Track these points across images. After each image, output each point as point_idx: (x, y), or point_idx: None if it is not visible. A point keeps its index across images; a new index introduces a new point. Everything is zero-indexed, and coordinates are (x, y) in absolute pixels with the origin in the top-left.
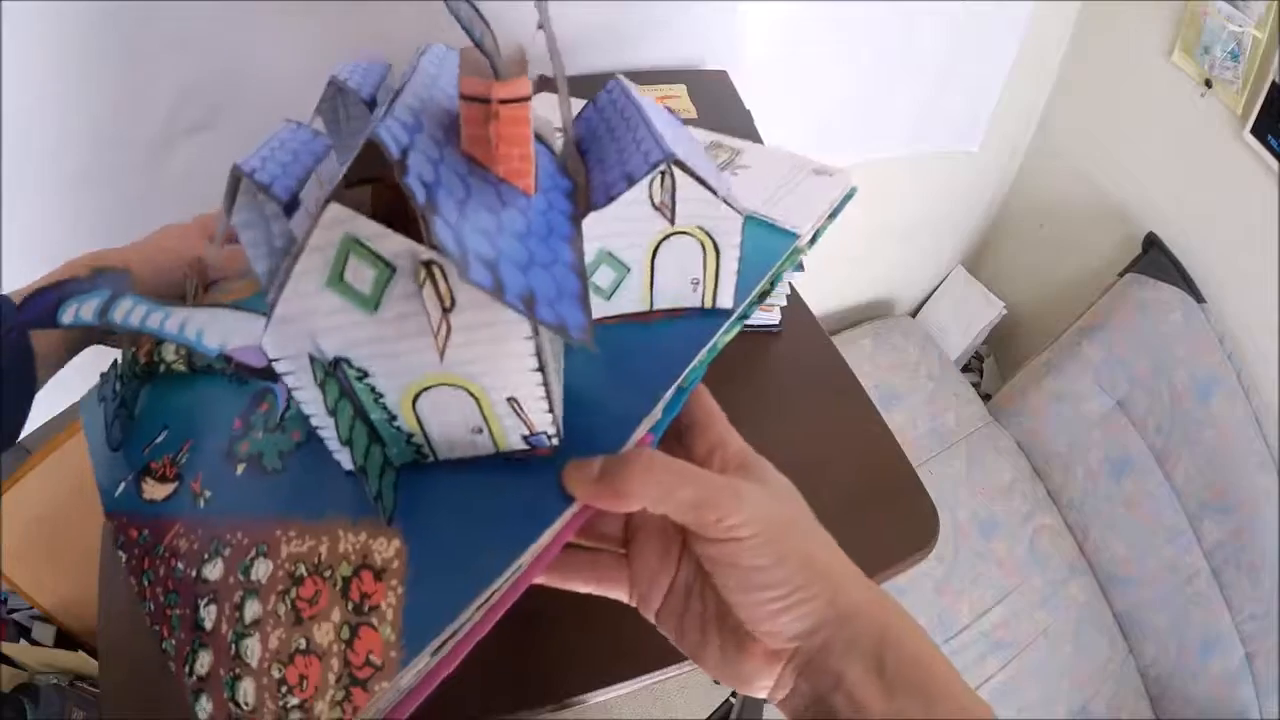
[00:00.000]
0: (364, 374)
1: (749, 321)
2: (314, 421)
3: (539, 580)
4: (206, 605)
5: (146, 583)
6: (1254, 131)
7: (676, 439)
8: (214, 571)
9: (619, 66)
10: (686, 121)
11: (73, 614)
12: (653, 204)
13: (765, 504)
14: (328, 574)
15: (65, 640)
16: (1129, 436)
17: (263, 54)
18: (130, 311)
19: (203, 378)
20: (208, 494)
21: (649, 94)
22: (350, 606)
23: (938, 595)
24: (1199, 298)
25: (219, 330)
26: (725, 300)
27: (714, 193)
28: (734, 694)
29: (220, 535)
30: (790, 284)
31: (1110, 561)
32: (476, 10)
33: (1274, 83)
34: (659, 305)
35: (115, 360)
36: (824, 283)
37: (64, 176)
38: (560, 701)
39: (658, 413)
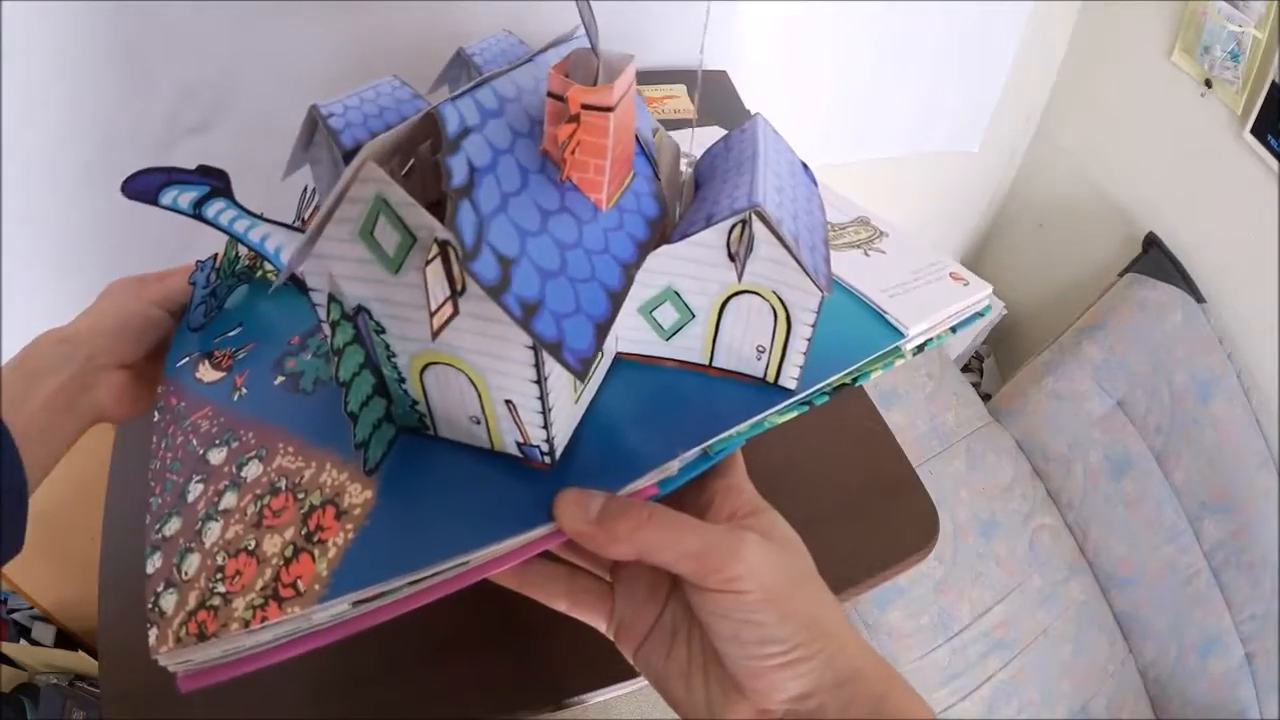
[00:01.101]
0: (381, 329)
1: None
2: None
3: (510, 585)
4: (197, 482)
5: (163, 445)
6: (1254, 131)
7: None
8: (217, 457)
9: None
10: (687, 123)
11: (73, 614)
12: (728, 252)
13: (769, 559)
14: (300, 495)
15: (65, 640)
16: (1129, 436)
17: (263, 54)
18: (221, 212)
19: (289, 292)
20: (244, 391)
21: (649, 94)
22: (304, 531)
23: (938, 595)
24: (1199, 298)
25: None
26: (789, 379)
27: (794, 256)
28: None
29: (235, 428)
30: None
31: (1110, 561)
32: (589, 9)
33: (1274, 83)
34: (719, 363)
35: (216, 253)
36: None
37: (64, 177)
38: (560, 701)
39: (673, 469)
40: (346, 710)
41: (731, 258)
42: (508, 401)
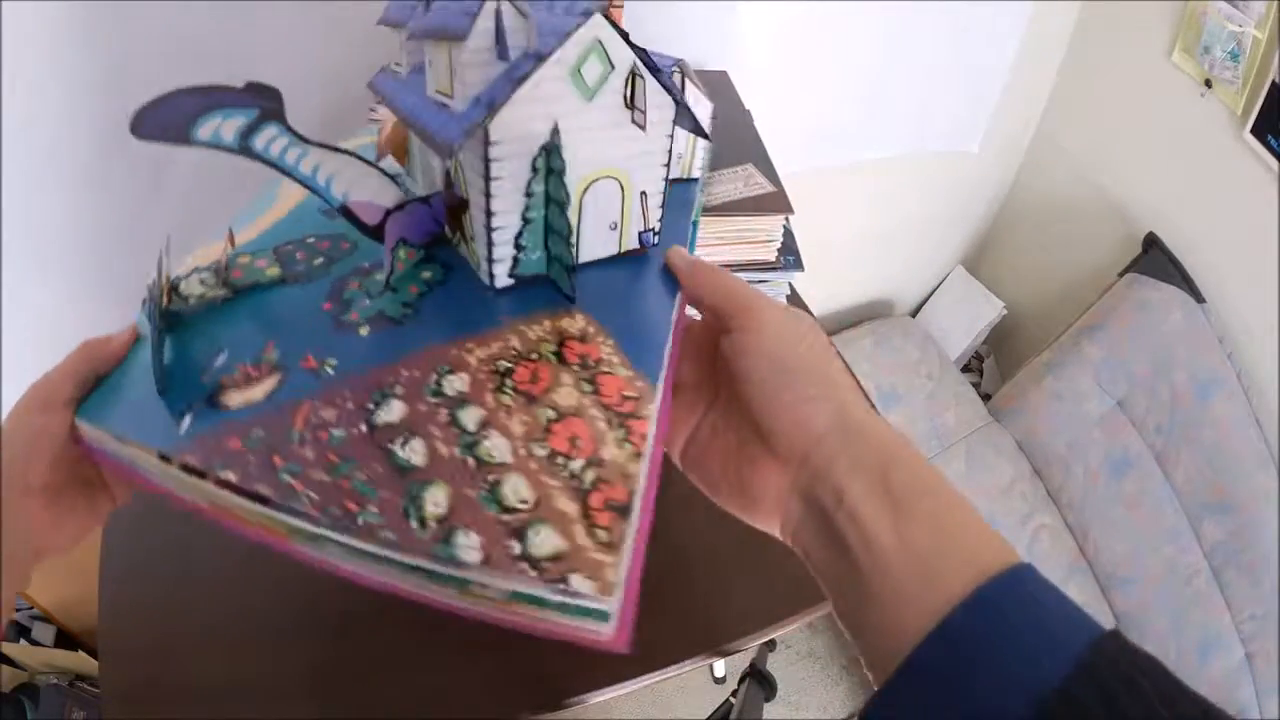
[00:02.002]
0: (562, 161)
1: None
2: (497, 208)
3: None
4: (402, 445)
5: (290, 477)
6: (1254, 131)
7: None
8: (392, 414)
9: None
10: None
11: (73, 614)
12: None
13: (789, 317)
14: (534, 356)
15: (65, 640)
16: (1129, 436)
17: (263, 54)
18: (273, 140)
19: (246, 296)
20: (332, 362)
21: None
22: (576, 367)
23: None
24: (1199, 298)
25: (345, 181)
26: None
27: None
28: (734, 694)
29: (379, 383)
30: (790, 284)
31: (1110, 561)
32: None
33: (1274, 83)
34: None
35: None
36: (824, 283)
37: (64, 178)
38: (560, 702)
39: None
40: (346, 710)
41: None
42: (642, 194)
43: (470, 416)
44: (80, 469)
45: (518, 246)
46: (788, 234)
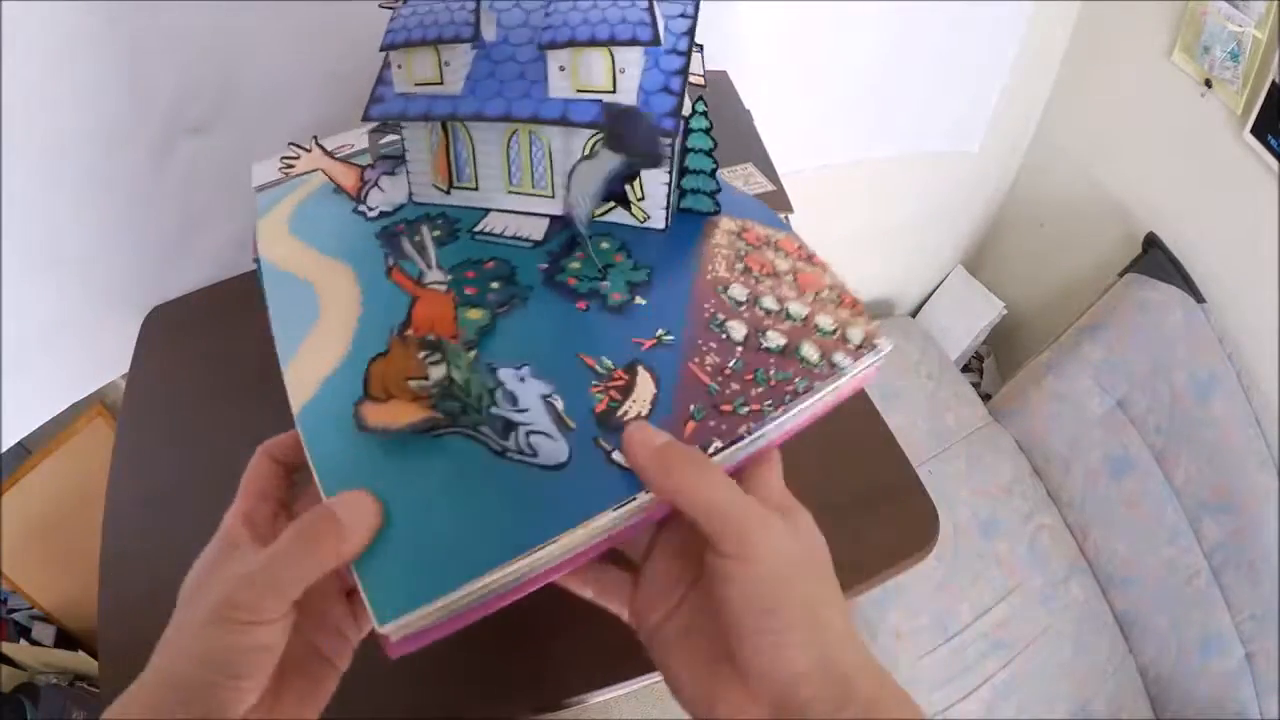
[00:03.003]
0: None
1: None
2: (677, 166)
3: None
4: (764, 337)
5: (744, 408)
6: (1254, 131)
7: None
8: (738, 330)
9: None
10: None
11: (73, 614)
12: None
13: (786, 543)
14: (743, 251)
15: (65, 640)
16: (1129, 436)
17: (263, 54)
18: None
19: (488, 346)
20: (661, 332)
21: None
22: (763, 246)
23: (938, 595)
24: (1199, 298)
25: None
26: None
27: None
28: None
29: (702, 321)
30: None
31: (1110, 561)
32: None
33: (1274, 83)
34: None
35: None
36: None
37: (64, 177)
38: (560, 702)
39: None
40: (346, 710)
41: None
42: None
43: (767, 302)
44: (294, 662)
45: (679, 192)
46: None
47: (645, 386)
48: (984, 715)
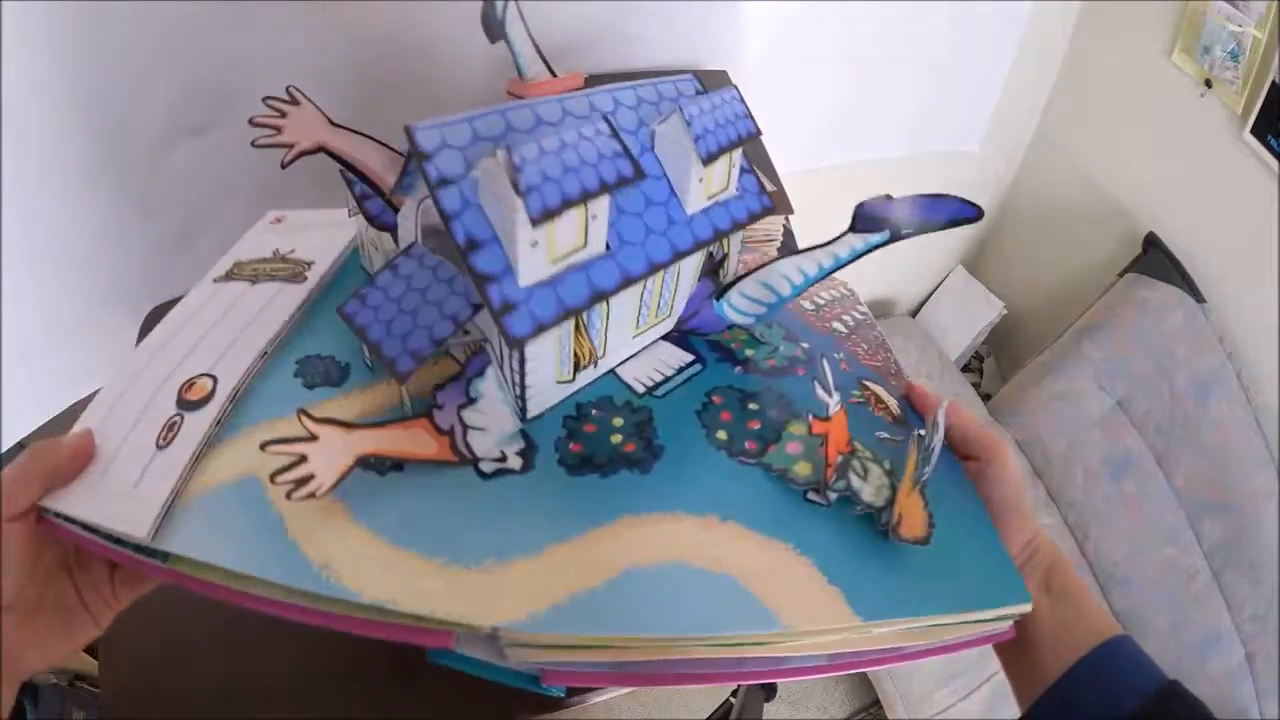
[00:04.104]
0: None
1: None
2: None
3: None
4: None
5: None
6: (1254, 131)
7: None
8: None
9: (620, 66)
10: None
11: None
12: None
13: (1013, 458)
14: None
15: None
16: (1129, 436)
17: (263, 54)
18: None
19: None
20: (838, 355)
21: None
22: None
23: None
24: (1199, 298)
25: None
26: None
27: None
28: (734, 694)
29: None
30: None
31: (1110, 561)
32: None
33: (1274, 83)
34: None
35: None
36: (824, 283)
37: (65, 177)
38: (560, 702)
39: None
40: (346, 711)
41: None
42: None
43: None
44: (54, 590)
45: None
46: (787, 233)
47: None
48: (984, 715)
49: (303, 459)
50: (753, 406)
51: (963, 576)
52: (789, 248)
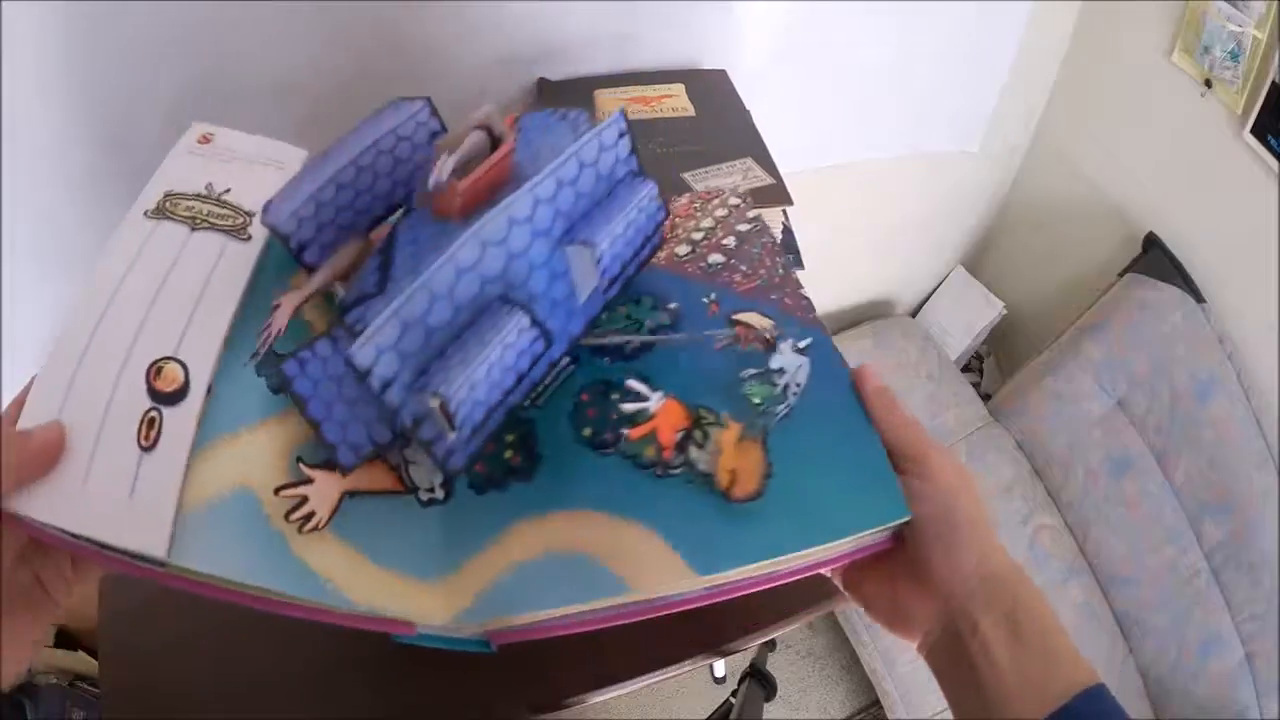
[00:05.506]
0: None
1: None
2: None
3: None
4: None
5: None
6: (1254, 131)
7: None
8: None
9: (619, 66)
10: (686, 121)
11: (73, 614)
12: None
13: (953, 465)
14: None
15: (65, 640)
16: (1129, 436)
17: (263, 54)
18: None
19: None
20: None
21: (647, 94)
22: None
23: None
24: (1199, 298)
25: None
26: None
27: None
28: (734, 694)
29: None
30: None
31: (1110, 561)
32: None
33: (1274, 83)
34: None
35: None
36: (824, 283)
37: (65, 177)
38: (560, 702)
39: None
40: (347, 710)
41: None
42: None
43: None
44: (16, 582)
45: None
46: (788, 233)
47: None
48: None
49: (305, 499)
50: (614, 397)
51: (825, 507)
52: (790, 247)
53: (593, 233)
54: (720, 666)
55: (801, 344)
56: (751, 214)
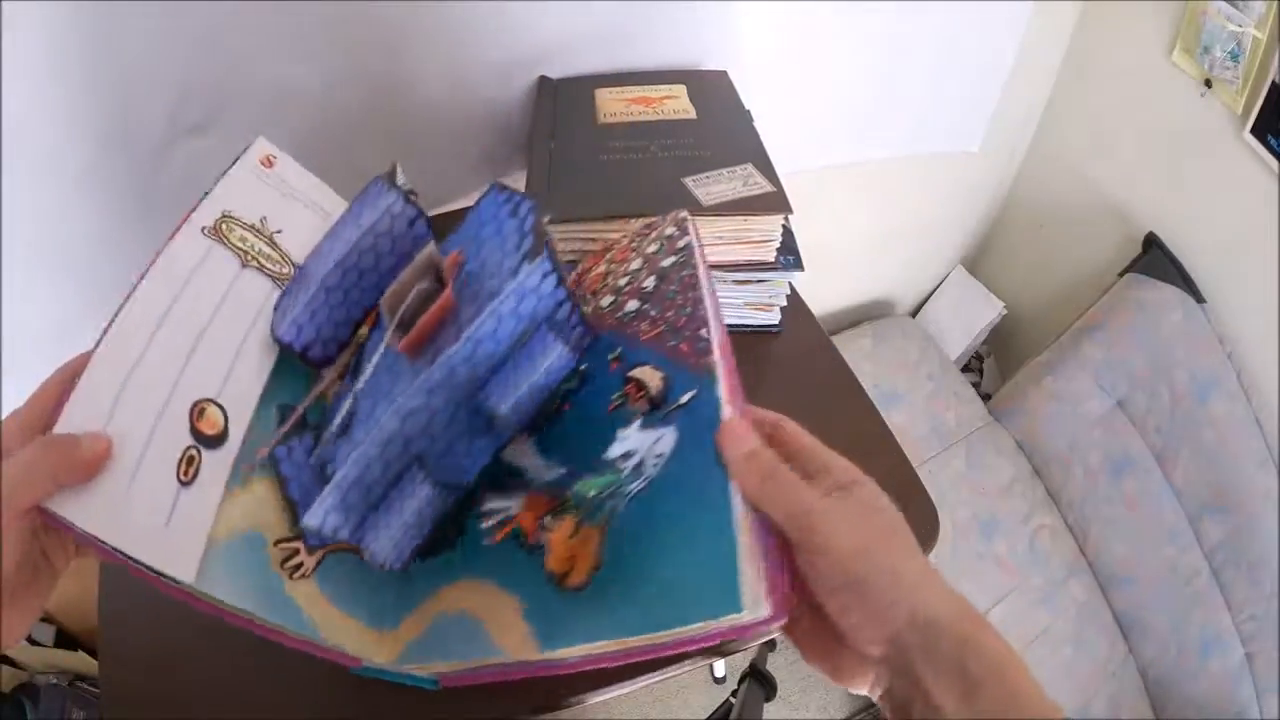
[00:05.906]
0: None
1: (749, 322)
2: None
3: None
4: None
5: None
6: (1254, 131)
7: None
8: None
9: (619, 66)
10: (686, 121)
11: (73, 614)
12: None
13: (847, 524)
14: None
15: (65, 640)
16: (1129, 436)
17: (263, 54)
18: None
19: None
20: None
21: (647, 94)
22: None
23: None
24: (1199, 298)
25: None
26: None
27: None
28: (734, 694)
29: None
30: (790, 284)
31: (1110, 561)
32: None
33: (1274, 83)
34: None
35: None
36: (824, 283)
37: (65, 177)
38: (560, 702)
39: None
40: (346, 711)
41: None
42: None
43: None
44: (28, 558)
45: None
46: (787, 233)
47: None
48: None
49: (297, 551)
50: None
51: (655, 597)
52: (789, 249)
53: (500, 398)
54: (720, 666)
55: (685, 397)
56: (682, 243)
